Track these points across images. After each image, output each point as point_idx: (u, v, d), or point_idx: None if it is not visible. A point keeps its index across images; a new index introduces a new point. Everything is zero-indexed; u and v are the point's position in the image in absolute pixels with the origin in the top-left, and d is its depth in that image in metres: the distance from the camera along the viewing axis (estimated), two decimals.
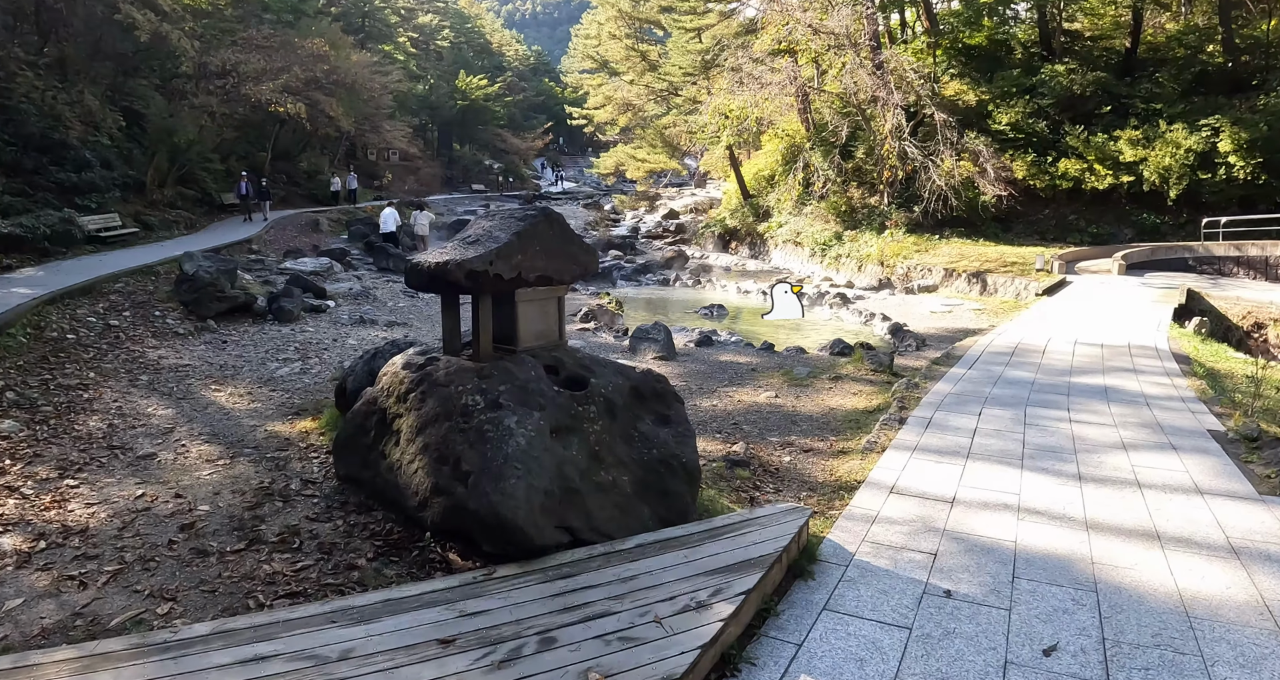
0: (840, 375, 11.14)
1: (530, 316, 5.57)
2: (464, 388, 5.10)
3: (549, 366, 5.49)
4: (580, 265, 5.66)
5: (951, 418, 8.44)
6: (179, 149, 27.91)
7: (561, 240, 5.51)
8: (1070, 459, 7.23)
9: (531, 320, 5.58)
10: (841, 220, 29.26)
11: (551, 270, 5.44)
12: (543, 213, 5.45)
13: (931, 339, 15.25)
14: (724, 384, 10.97)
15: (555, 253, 5.46)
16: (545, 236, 5.40)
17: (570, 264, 5.58)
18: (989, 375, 10.67)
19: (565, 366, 5.53)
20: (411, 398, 5.40)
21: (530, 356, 5.47)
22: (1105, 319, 15.95)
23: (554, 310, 5.75)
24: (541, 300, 5.62)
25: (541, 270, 5.36)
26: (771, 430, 8.58)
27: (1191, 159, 25.36)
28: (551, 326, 5.74)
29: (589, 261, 5.73)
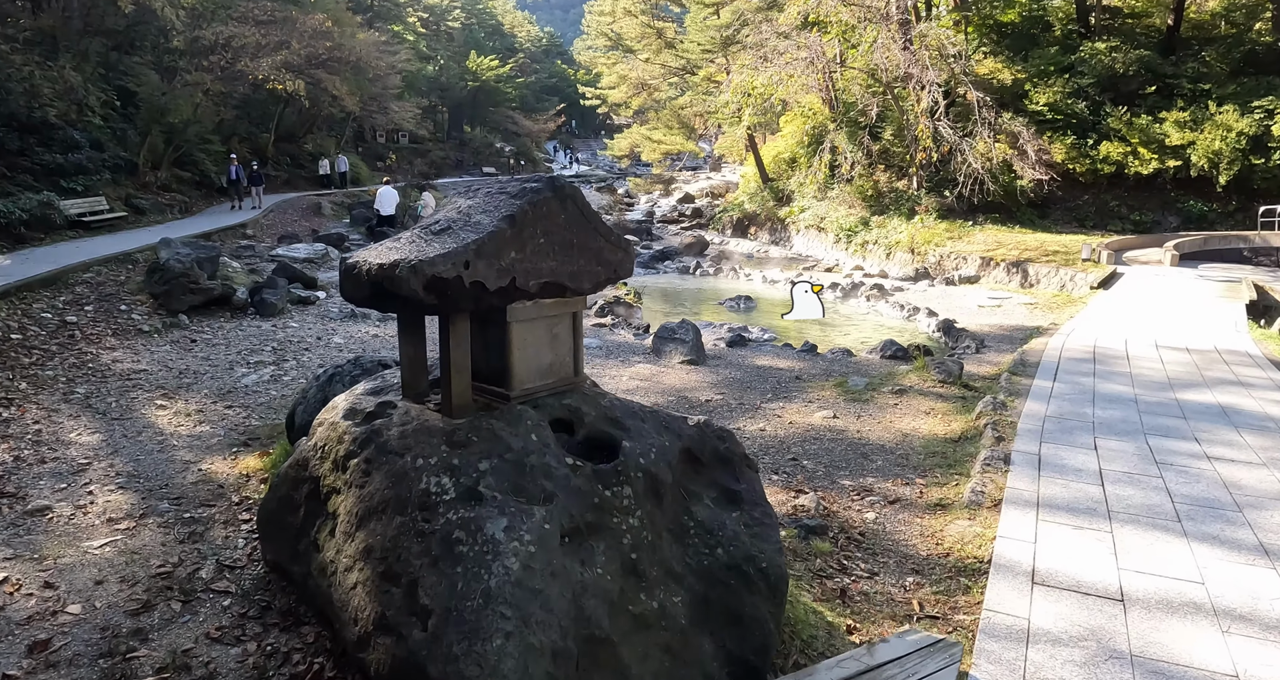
0: (903, 387, 9.29)
1: (531, 344, 3.73)
2: (425, 462, 3.29)
3: (559, 421, 3.67)
4: (609, 266, 3.81)
5: (1064, 453, 6.59)
6: (175, 129, 26.09)
7: (579, 228, 3.66)
8: (1239, 520, 5.39)
9: (533, 350, 3.75)
10: (868, 205, 27.28)
11: (564, 274, 3.61)
12: (550, 186, 3.58)
13: (990, 339, 13.37)
14: (767, 397, 9.13)
15: (570, 247, 3.62)
16: (554, 222, 3.56)
17: (593, 263, 3.73)
18: (1080, 390, 8.81)
19: (585, 422, 3.70)
20: (352, 468, 3.59)
21: (531, 407, 3.65)
22: (1175, 317, 14.05)
23: (567, 333, 3.92)
24: (549, 319, 3.79)
25: (548, 274, 3.53)
26: (839, 467, 6.74)
27: (1244, 143, 23.31)
28: (564, 358, 3.91)
29: (621, 260, 3.87)
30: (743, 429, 7.84)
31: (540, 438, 3.48)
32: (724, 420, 8.16)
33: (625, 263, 3.88)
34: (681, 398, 9.06)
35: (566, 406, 3.74)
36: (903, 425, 7.96)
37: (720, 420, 8.16)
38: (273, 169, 31.04)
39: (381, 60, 32.81)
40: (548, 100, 58.22)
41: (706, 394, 9.24)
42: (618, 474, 3.47)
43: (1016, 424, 7.38)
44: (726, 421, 8.11)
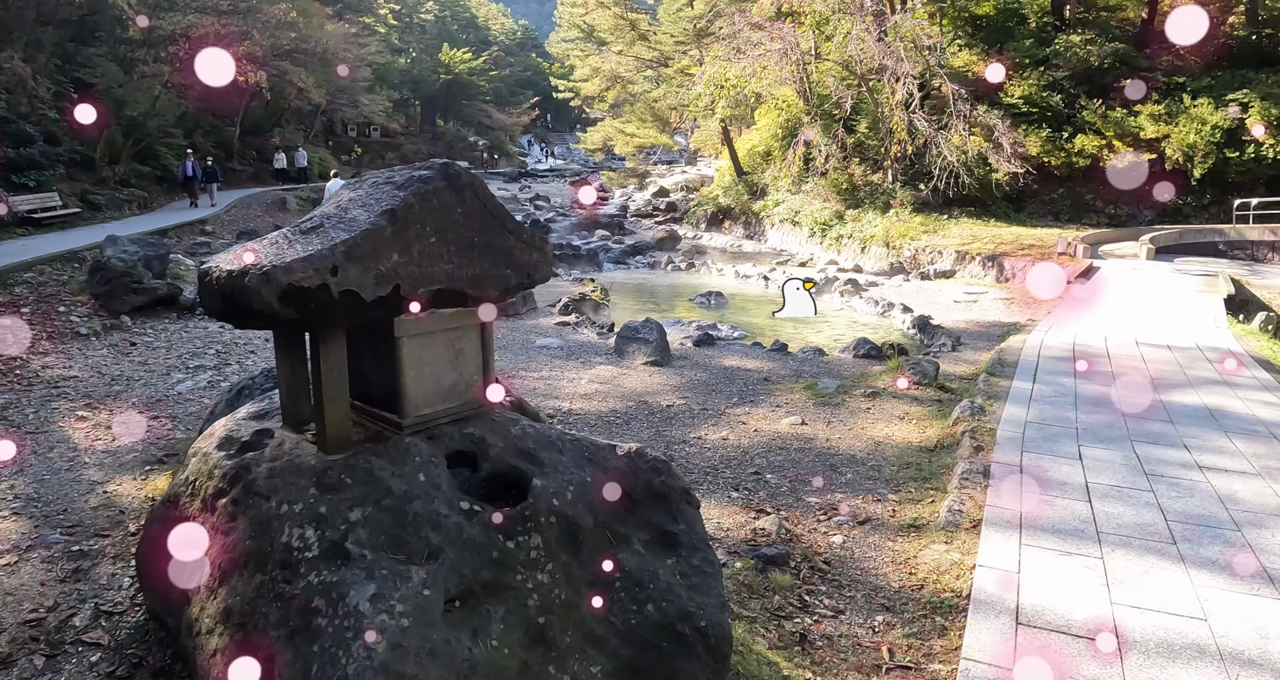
0: (877, 389, 8.75)
1: (429, 363, 3.13)
2: (290, 509, 2.70)
3: (460, 455, 3.08)
4: (521, 268, 3.22)
5: (1047, 465, 6.06)
6: (135, 122, 25.21)
7: (482, 224, 3.07)
8: (1239, 540, 4.88)
9: (431, 370, 3.14)
10: (843, 199, 26.77)
11: (464, 279, 3.01)
12: (443, 174, 2.98)
13: (965, 336, 12.87)
14: (733, 402, 8.57)
15: (471, 247, 3.03)
16: (449, 218, 2.96)
17: (501, 266, 3.14)
18: (1062, 392, 8.30)
19: (489, 455, 3.11)
20: (219, 510, 2.99)
21: (426, 438, 3.06)
22: (1154, 313, 13.62)
23: (475, 349, 3.31)
24: (450, 333, 3.18)
25: (443, 280, 2.94)
26: (806, 481, 6.18)
27: (1218, 136, 23.01)
28: (471, 377, 3.31)
29: (537, 262, 3.28)
30: (704, 438, 7.27)
31: (430, 477, 2.89)
32: (685, 428, 7.59)
33: (542, 264, 3.29)
34: (641, 402, 8.48)
35: (469, 437, 3.15)
36: (875, 432, 7.41)
37: (681, 428, 7.59)
38: (238, 163, 30.19)
39: (349, 52, 31.94)
40: (522, 94, 57.30)
41: (669, 398, 8.67)
42: (525, 520, 2.88)
43: (996, 431, 6.85)
44: (688, 429, 7.54)
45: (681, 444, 7.09)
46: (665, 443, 7.13)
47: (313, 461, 2.86)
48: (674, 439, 7.23)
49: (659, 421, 7.80)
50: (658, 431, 7.47)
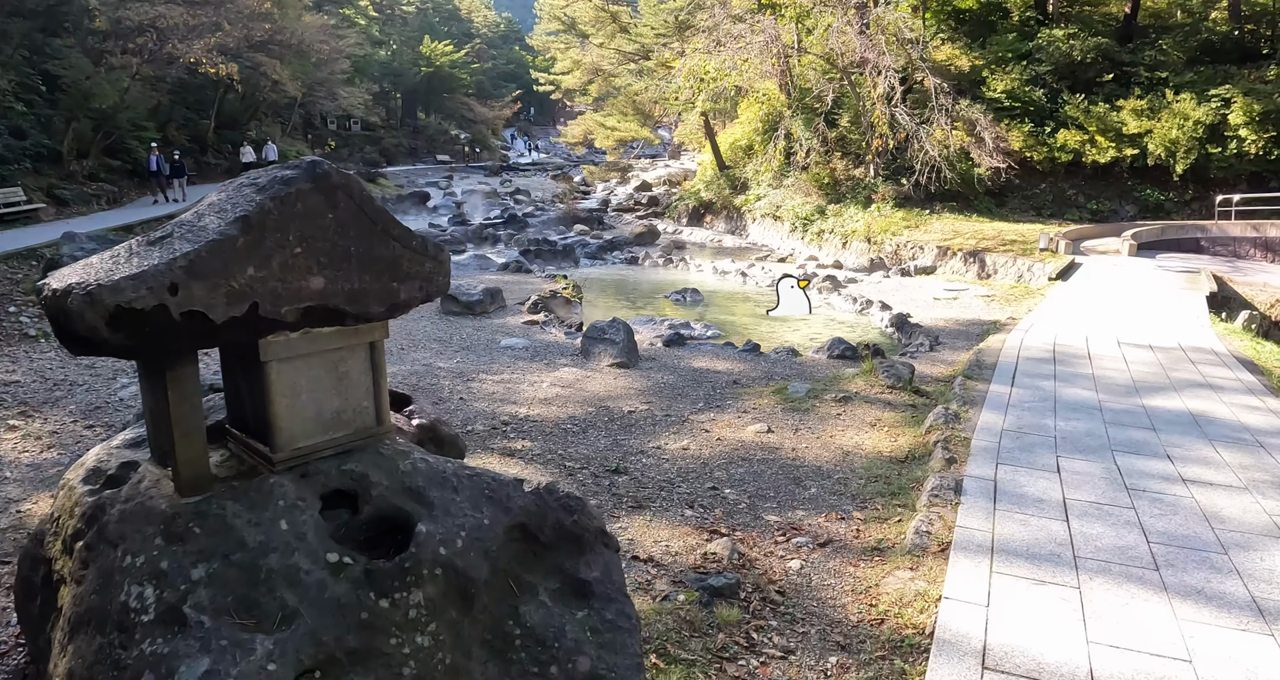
0: (848, 393, 8.37)
1: (306, 389, 2.71)
2: (134, 562, 2.30)
3: (340, 495, 2.67)
4: (412, 281, 2.81)
5: (1023, 479, 5.69)
6: (104, 115, 24.58)
7: (359, 232, 2.64)
8: (1225, 565, 4.53)
9: (310, 397, 2.72)
10: (824, 193, 26.41)
11: (340, 295, 2.60)
12: (309, 175, 2.55)
13: (945, 335, 12.52)
14: (698, 407, 8.18)
15: (347, 258, 2.61)
16: (317, 225, 2.54)
17: (385, 279, 2.73)
18: (1041, 396, 7.95)
19: (371, 495, 2.70)
20: (76, 554, 2.58)
21: (297, 476, 2.65)
22: (1136, 310, 13.32)
23: (363, 371, 2.89)
24: (330, 354, 2.76)
25: (314, 297, 2.53)
26: (767, 496, 5.80)
27: (1200, 131, 22.76)
28: (360, 403, 2.89)
29: (431, 273, 2.86)
30: (663, 447, 6.88)
31: (294, 525, 2.48)
32: (645, 436, 7.20)
33: (436, 276, 2.87)
34: (603, 408, 8.08)
35: (349, 473, 2.73)
36: (844, 441, 7.04)
37: (641, 436, 7.20)
38: (213, 157, 29.57)
39: (326, 44, 31.32)
40: (505, 87, 56.57)
41: (631, 403, 8.28)
42: (404, 573, 2.48)
43: (970, 440, 6.48)
44: (647, 437, 7.15)
45: (639, 454, 6.70)
46: (622, 453, 6.74)
47: (164, 505, 2.45)
48: (631, 449, 6.84)
49: (618, 429, 7.41)
50: (615, 440, 7.08)
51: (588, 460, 6.57)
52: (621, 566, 2.99)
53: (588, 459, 6.59)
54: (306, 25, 30.49)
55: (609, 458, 6.62)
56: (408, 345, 11.25)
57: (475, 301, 13.05)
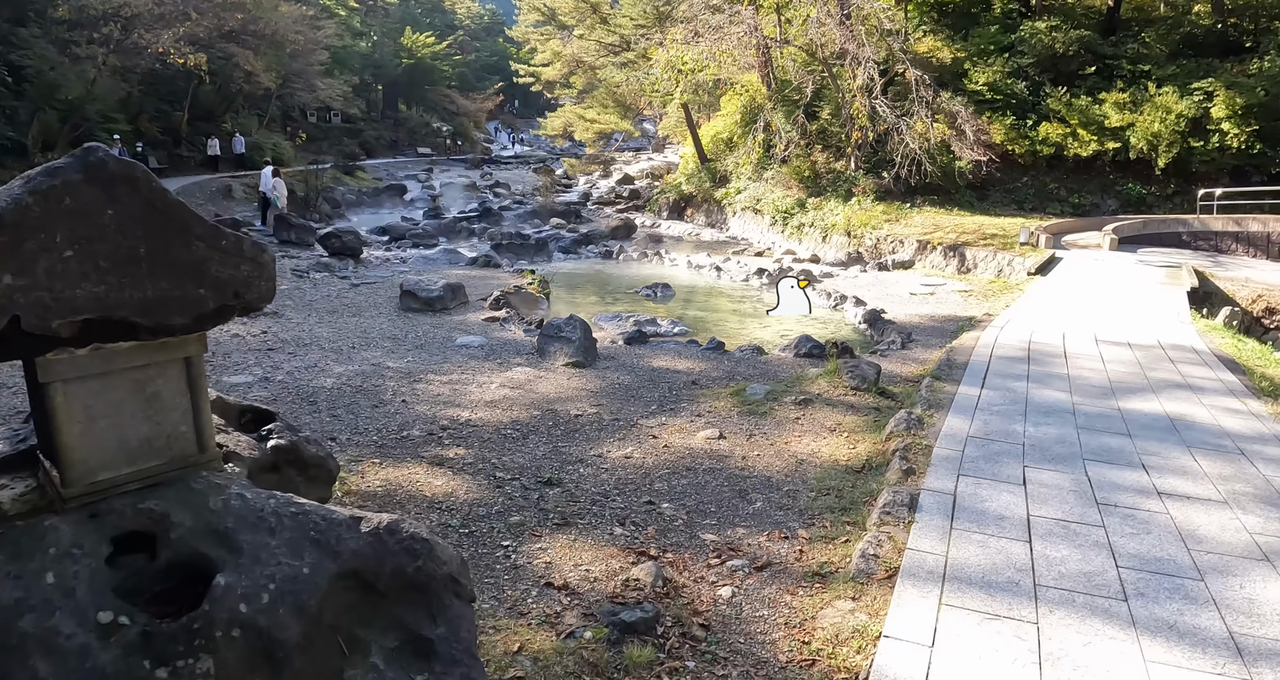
0: (809, 396, 7.88)
1: (104, 414, 2.21)
2: None
3: (138, 536, 2.16)
4: (222, 287, 2.29)
5: (985, 493, 5.21)
6: (72, 106, 23.92)
7: (152, 230, 2.13)
8: (1201, 594, 4.06)
9: (109, 422, 2.22)
10: (805, 186, 25.91)
11: (130, 304, 2.10)
12: (81, 165, 2.04)
13: (918, 332, 12.04)
14: (650, 410, 7.67)
15: (136, 261, 2.10)
16: (94, 223, 2.04)
17: (189, 284, 2.21)
18: (1012, 399, 7.47)
19: (170, 537, 2.19)
20: None
21: (86, 516, 2.14)
22: (1116, 306, 12.89)
23: (177, 391, 2.38)
24: (133, 373, 2.25)
25: (94, 307, 2.04)
26: (708, 512, 5.30)
27: (1183, 125, 22.35)
28: (176, 428, 2.38)
29: (248, 277, 2.34)
30: (605, 455, 6.37)
31: (62, 577, 1.98)
32: (588, 443, 6.69)
33: (255, 280, 2.36)
34: (550, 411, 7.57)
35: (147, 513, 2.22)
36: (799, 448, 6.54)
37: (584, 443, 6.69)
38: (186, 150, 28.88)
39: (302, 34, 30.61)
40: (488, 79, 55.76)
41: (581, 406, 7.77)
42: (192, 635, 1.98)
43: (933, 448, 5.99)
44: (590, 444, 6.64)
45: (577, 464, 6.19)
46: (560, 461, 6.23)
47: None
48: (570, 457, 6.33)
49: (561, 435, 6.89)
50: (555, 448, 6.57)
51: (521, 470, 6.06)
52: (474, 620, 2.48)
53: (522, 468, 6.08)
54: (282, 15, 29.80)
55: (545, 467, 6.12)
56: (359, 344, 10.71)
57: (435, 298, 12.50)
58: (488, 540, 4.89)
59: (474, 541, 4.87)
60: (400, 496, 5.58)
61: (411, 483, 5.82)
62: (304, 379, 8.96)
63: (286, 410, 7.79)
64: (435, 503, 5.45)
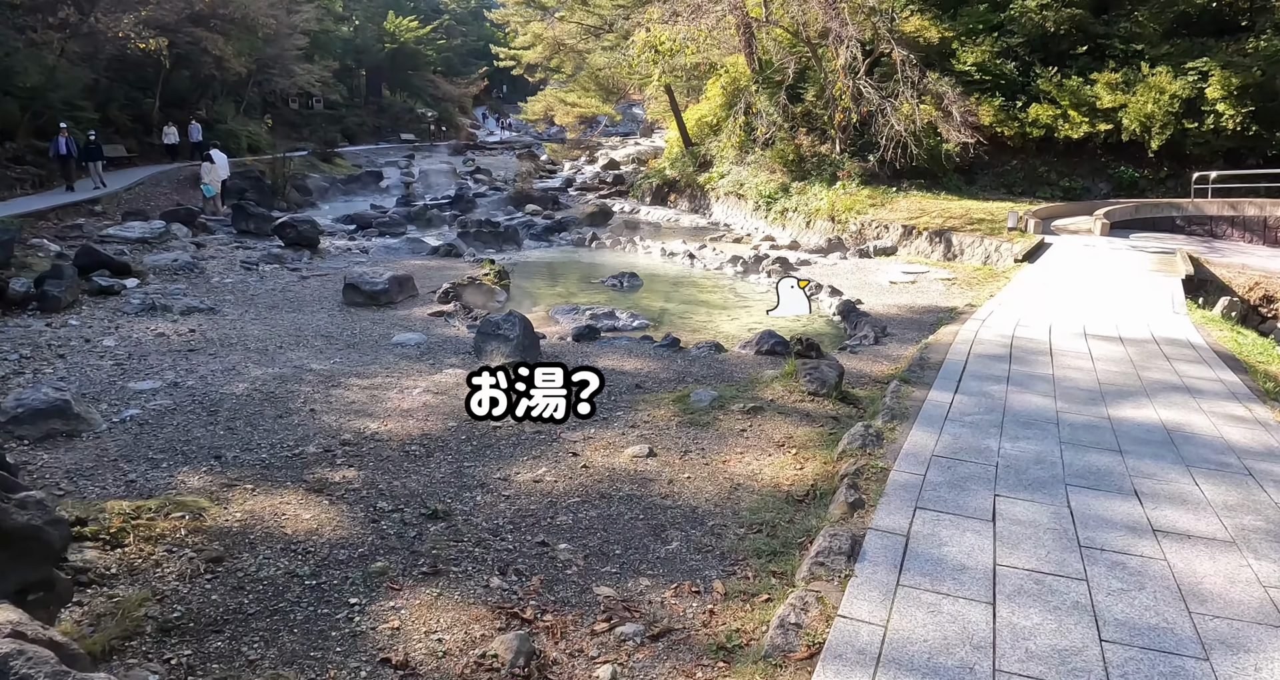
0: (761, 403, 6.91)
1: None
2: None
3: None
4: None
5: (946, 532, 4.25)
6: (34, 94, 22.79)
7: None
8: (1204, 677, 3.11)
9: None
10: (789, 170, 24.83)
11: None
12: None
13: (894, 324, 11.07)
14: (580, 420, 6.70)
15: None
16: None
17: None
18: (988, 405, 6.50)
19: None
20: None
21: None
22: (1106, 295, 11.95)
23: None
24: None
25: None
26: (610, 556, 4.35)
27: (1176, 106, 21.29)
28: None
29: None
30: (511, 479, 5.41)
31: None
32: (497, 462, 5.73)
33: None
34: (468, 422, 6.61)
35: None
36: (738, 468, 5.58)
37: (492, 462, 5.72)
38: (157, 138, 27.74)
39: (276, 18, 29.40)
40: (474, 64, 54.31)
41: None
42: None
43: (889, 472, 5.03)
44: (499, 465, 5.68)
45: (477, 489, 5.24)
46: (457, 487, 5.28)
47: None
48: (472, 481, 5.37)
49: (470, 452, 5.93)
50: (459, 468, 5.61)
51: (410, 498, 5.11)
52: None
53: (410, 496, 5.13)
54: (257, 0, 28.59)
55: (438, 494, 5.17)
56: (289, 343, 9.75)
57: (380, 291, 11.51)
58: (334, 596, 3.94)
59: (317, 598, 3.92)
60: (255, 534, 4.64)
61: (276, 516, 4.87)
62: (215, 384, 8.02)
63: (182, 421, 6.89)
64: (292, 543, 4.51)
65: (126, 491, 5.51)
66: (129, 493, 5.48)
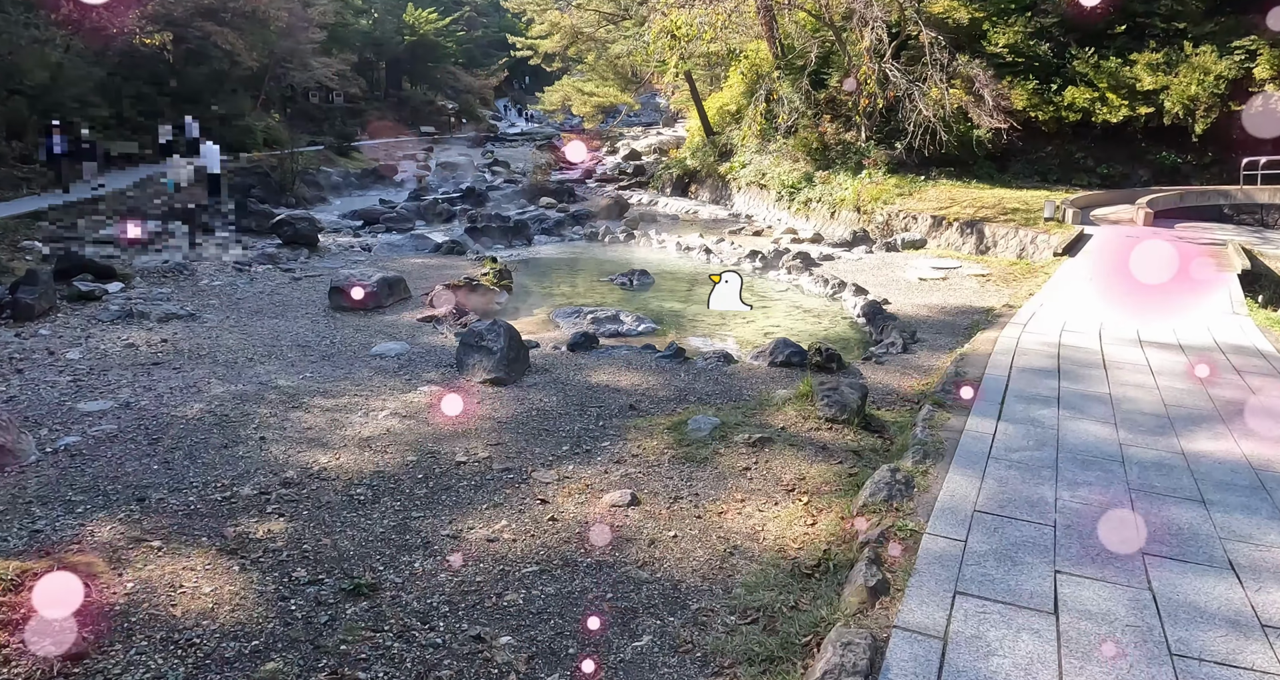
0: (770, 431, 5.88)
1: None
2: None
3: None
4: None
5: (993, 634, 3.21)
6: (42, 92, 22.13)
7: None
8: None
9: None
10: (813, 159, 23.66)
11: None
12: None
13: (925, 328, 9.96)
14: (559, 454, 5.73)
15: None
16: None
17: None
18: (1038, 437, 5.43)
19: None
20: None
21: None
22: (1157, 293, 10.82)
23: None
24: None
25: None
26: (562, 659, 3.37)
27: (1222, 87, 19.86)
28: None
29: None
30: (463, 534, 4.45)
31: None
32: (450, 511, 4.77)
33: None
34: (429, 455, 5.67)
35: None
36: (737, 524, 4.57)
37: (445, 513, 4.76)
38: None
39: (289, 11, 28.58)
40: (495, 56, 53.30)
41: (473, 445, 5.84)
42: None
43: (921, 536, 4.00)
44: (452, 515, 4.72)
45: (418, 551, 4.28)
46: (397, 547, 4.33)
47: None
48: (415, 538, 4.42)
49: (423, 497, 4.98)
50: (405, 520, 4.66)
51: (335, 564, 4.16)
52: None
53: (337, 561, 4.19)
54: None
55: (371, 558, 4.22)
56: (261, 355, 8.85)
57: (366, 296, 10.59)
58: None
59: None
60: (139, 616, 3.72)
61: (172, 589, 3.95)
62: (169, 405, 7.14)
63: (118, 452, 6.01)
64: (177, 631, 3.58)
65: (28, 543, 4.64)
66: (29, 546, 4.61)
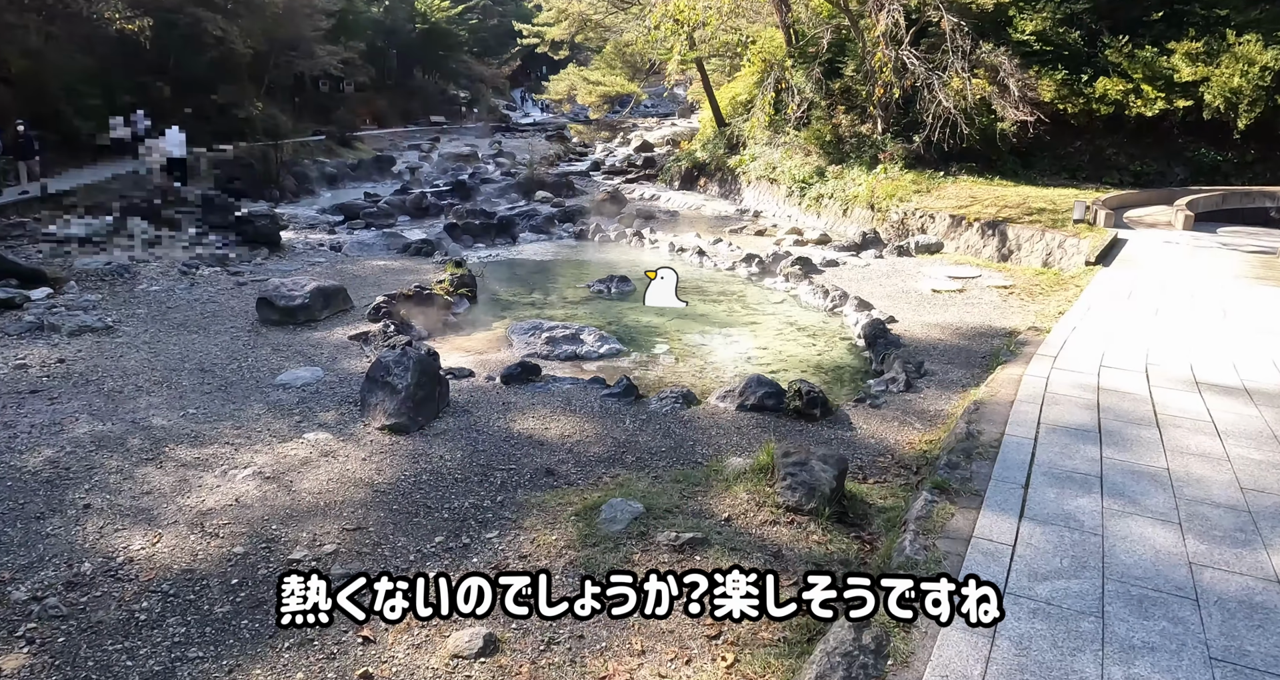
0: (706, 527, 4.32)
1: None
2: None
3: None
4: None
5: None
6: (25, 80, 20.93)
7: None
8: None
9: None
10: (825, 153, 21.88)
11: None
12: None
13: (935, 356, 8.31)
14: (432, 546, 4.23)
15: None
16: None
17: None
18: (1076, 554, 3.83)
19: None
20: None
21: None
22: (1206, 314, 9.14)
23: None
24: None
25: None
26: None
27: (1268, 79, 17.92)
28: None
29: None
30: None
31: None
32: (238, 649, 3.27)
33: None
34: (264, 547, 4.18)
35: None
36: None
37: (229, 649, 3.27)
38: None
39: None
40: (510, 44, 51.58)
41: (327, 530, 4.36)
42: None
43: None
44: (241, 658, 3.21)
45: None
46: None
47: None
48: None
49: (218, 621, 3.52)
50: (172, 665, 3.17)
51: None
52: None
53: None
54: None
55: None
56: (156, 381, 7.40)
57: (296, 308, 9.10)
58: None
59: None
60: None
61: None
62: (15, 449, 5.79)
63: None
64: None
65: None
66: None
